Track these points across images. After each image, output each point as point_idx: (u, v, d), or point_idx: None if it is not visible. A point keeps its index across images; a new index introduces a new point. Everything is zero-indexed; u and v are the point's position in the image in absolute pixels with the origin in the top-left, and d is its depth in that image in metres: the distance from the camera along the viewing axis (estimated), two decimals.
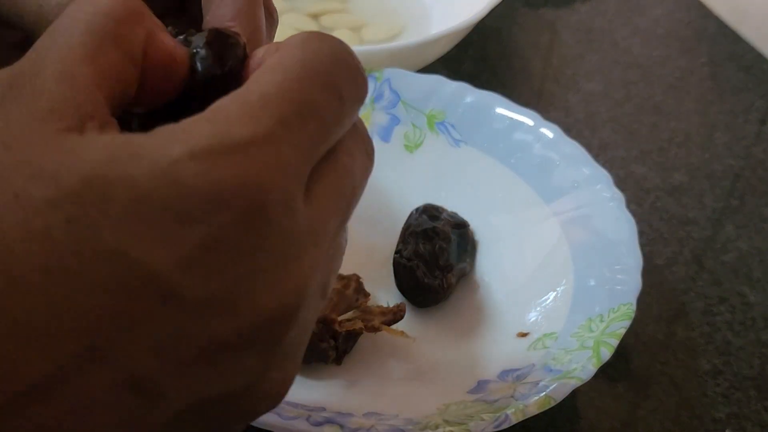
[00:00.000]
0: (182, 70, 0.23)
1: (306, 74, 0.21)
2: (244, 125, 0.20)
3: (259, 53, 0.23)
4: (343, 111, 0.22)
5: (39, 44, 0.21)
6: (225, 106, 0.20)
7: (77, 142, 0.19)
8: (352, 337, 0.40)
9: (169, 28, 0.25)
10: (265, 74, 0.21)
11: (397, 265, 0.43)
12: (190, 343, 0.19)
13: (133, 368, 0.19)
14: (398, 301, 0.42)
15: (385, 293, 0.43)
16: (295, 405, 0.35)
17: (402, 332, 0.40)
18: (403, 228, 0.45)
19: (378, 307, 0.40)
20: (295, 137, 0.20)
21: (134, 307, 0.19)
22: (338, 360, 0.39)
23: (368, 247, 0.46)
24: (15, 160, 0.19)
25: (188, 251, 0.19)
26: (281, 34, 0.34)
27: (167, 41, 0.23)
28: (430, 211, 0.45)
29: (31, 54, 0.21)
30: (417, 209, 0.45)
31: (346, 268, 0.43)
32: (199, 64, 0.23)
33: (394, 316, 0.40)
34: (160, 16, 0.26)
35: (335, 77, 0.22)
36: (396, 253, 0.43)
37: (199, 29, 0.26)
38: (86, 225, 0.18)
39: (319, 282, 0.22)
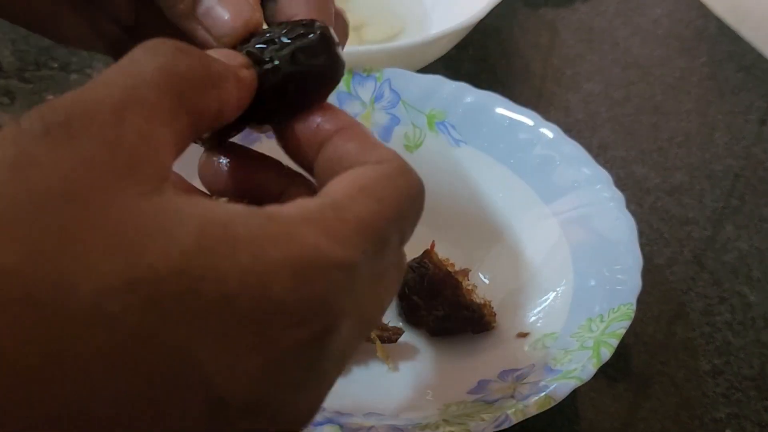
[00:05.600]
0: (253, 89, 0.24)
1: (394, 214, 0.22)
2: (338, 244, 0.20)
3: (349, 146, 0.24)
4: (399, 249, 0.23)
5: (113, 80, 0.20)
6: (323, 215, 0.20)
7: (160, 210, 0.18)
8: None
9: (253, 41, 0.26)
10: (363, 197, 0.22)
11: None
12: None
13: None
14: (397, 303, 0.43)
15: None
16: None
17: (387, 356, 0.40)
18: None
19: None
20: (368, 268, 0.21)
21: (182, 409, 0.18)
22: None
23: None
24: (89, 222, 0.17)
25: (255, 363, 0.19)
26: None
27: (243, 93, 0.23)
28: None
29: (105, 90, 0.20)
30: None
31: None
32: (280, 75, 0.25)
33: (390, 336, 0.40)
34: None
35: (408, 222, 0.23)
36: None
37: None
38: (161, 315, 0.17)
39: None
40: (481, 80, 0.51)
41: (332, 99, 0.49)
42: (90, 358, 0.17)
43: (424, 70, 0.53)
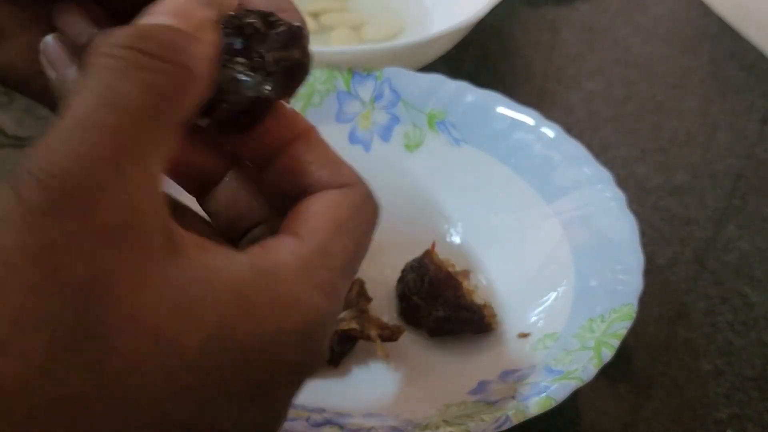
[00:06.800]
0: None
1: (363, 248, 0.24)
2: (331, 299, 0.22)
3: (318, 173, 0.24)
4: None
5: (95, 118, 0.19)
6: (317, 270, 0.22)
7: (183, 283, 0.19)
8: (350, 339, 0.39)
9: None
10: (341, 237, 0.23)
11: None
12: None
13: None
14: (397, 303, 0.42)
15: (385, 293, 0.43)
16: (295, 406, 0.35)
17: (387, 355, 0.40)
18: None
19: (378, 319, 0.40)
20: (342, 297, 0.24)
21: None
22: (334, 362, 0.39)
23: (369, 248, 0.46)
24: (119, 312, 0.18)
25: (257, 414, 0.22)
26: None
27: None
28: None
29: (92, 137, 0.18)
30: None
31: None
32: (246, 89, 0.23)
33: (391, 335, 0.40)
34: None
35: (367, 246, 0.25)
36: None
37: None
38: (193, 400, 0.20)
39: None
40: (481, 79, 0.51)
41: (332, 99, 0.49)
42: None
43: (425, 69, 0.53)
